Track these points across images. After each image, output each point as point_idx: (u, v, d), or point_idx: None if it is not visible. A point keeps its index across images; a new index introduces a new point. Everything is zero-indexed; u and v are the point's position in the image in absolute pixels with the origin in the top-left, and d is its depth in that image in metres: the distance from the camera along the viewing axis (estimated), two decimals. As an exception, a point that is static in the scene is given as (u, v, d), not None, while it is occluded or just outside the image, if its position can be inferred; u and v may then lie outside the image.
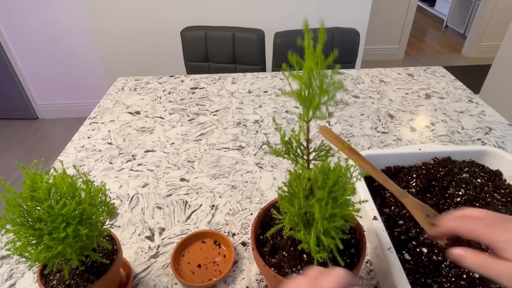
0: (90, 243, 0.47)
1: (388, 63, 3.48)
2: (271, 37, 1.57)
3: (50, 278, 0.49)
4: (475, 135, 0.93)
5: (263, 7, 2.14)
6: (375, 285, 0.57)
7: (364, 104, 1.08)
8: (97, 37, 2.25)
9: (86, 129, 0.99)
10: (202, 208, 0.72)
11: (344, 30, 1.48)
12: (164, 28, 2.20)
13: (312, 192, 0.41)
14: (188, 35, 1.52)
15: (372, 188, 0.65)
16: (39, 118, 2.67)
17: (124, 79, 1.27)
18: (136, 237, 0.67)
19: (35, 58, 2.36)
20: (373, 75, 1.26)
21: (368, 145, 0.90)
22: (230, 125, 0.99)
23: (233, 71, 1.58)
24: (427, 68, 1.30)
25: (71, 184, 0.45)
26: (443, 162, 0.67)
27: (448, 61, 3.50)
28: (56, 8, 2.17)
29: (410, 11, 3.28)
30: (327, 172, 0.40)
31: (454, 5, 4.10)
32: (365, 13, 2.20)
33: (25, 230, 0.42)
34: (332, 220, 0.38)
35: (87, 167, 0.85)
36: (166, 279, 0.59)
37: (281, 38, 1.46)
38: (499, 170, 0.66)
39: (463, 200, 0.59)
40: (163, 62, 2.34)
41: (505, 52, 2.27)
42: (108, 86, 2.38)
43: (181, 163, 0.85)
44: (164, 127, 0.99)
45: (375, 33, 3.33)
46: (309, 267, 0.36)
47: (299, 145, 0.40)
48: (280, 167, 0.83)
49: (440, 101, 1.09)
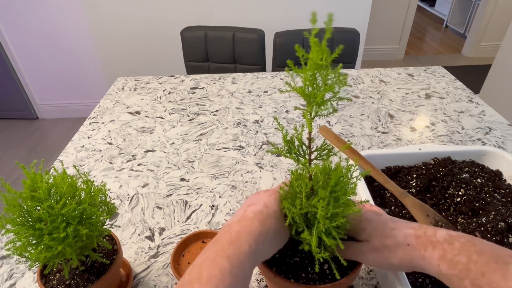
0: (90, 243, 0.47)
1: (388, 63, 3.48)
2: (271, 37, 1.58)
3: (50, 278, 0.49)
4: (475, 135, 0.93)
5: (263, 7, 2.14)
6: (375, 285, 0.57)
7: (364, 104, 1.08)
8: (97, 37, 2.24)
9: (86, 129, 0.99)
10: (202, 208, 0.72)
11: (344, 30, 1.48)
12: (164, 28, 2.20)
13: (313, 192, 0.41)
14: (188, 35, 1.52)
15: (372, 188, 0.65)
16: (39, 118, 2.67)
17: (124, 79, 1.27)
18: (136, 237, 0.67)
19: (35, 58, 2.36)
20: (373, 75, 1.26)
21: (368, 145, 0.90)
22: (230, 125, 0.99)
23: (233, 71, 1.58)
24: (427, 68, 1.30)
25: (71, 184, 0.45)
26: (443, 162, 0.67)
27: (448, 61, 3.50)
28: (56, 8, 2.16)
29: (410, 11, 3.28)
30: (328, 172, 0.40)
31: (454, 5, 4.10)
32: (365, 13, 2.20)
33: (25, 230, 0.42)
34: (333, 220, 0.38)
35: (87, 167, 0.85)
36: (166, 279, 0.59)
37: (281, 38, 1.46)
38: (499, 170, 0.66)
39: (463, 200, 0.59)
40: (163, 62, 2.34)
41: (505, 52, 2.27)
42: (108, 86, 2.38)
43: (181, 163, 0.85)
44: (164, 127, 0.99)
45: (375, 33, 3.33)
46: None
47: (301, 144, 0.40)
48: (280, 167, 0.83)
49: (440, 101, 1.09)
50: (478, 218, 0.56)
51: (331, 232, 0.38)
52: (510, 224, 0.53)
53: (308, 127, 0.35)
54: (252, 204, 0.41)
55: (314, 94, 0.32)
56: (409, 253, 0.38)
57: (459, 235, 0.36)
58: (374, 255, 0.40)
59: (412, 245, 0.38)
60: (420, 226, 0.39)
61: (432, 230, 0.38)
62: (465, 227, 0.55)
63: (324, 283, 0.42)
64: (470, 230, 0.54)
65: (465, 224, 0.56)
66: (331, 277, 0.43)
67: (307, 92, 0.33)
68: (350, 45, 1.48)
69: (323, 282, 0.42)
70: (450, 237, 0.36)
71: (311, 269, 0.44)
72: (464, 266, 0.33)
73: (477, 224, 0.54)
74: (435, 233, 0.37)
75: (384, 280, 0.53)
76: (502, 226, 0.53)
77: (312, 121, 0.35)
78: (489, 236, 0.52)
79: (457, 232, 0.37)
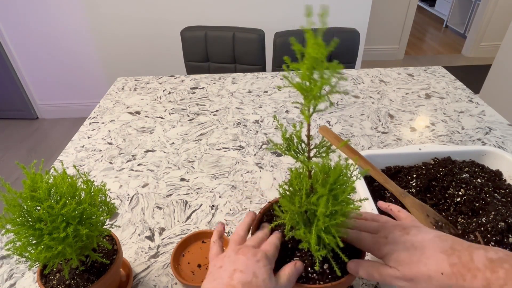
0: (90, 243, 0.47)
1: (388, 63, 3.48)
2: (271, 37, 1.57)
3: (50, 278, 0.49)
4: (475, 135, 0.93)
5: (263, 7, 2.14)
6: (375, 285, 0.57)
7: (364, 104, 1.08)
8: (97, 37, 2.25)
9: (86, 129, 0.99)
10: (202, 208, 0.72)
11: (344, 30, 1.48)
12: (164, 28, 2.20)
13: (312, 190, 0.41)
14: (188, 35, 1.52)
15: (372, 188, 0.65)
16: (39, 118, 2.67)
17: (124, 79, 1.27)
18: (136, 237, 0.67)
19: (35, 58, 2.36)
20: (373, 75, 1.26)
21: (368, 145, 0.90)
22: (230, 125, 0.99)
23: (233, 71, 1.58)
24: (427, 68, 1.30)
25: (71, 184, 0.45)
26: (443, 162, 0.67)
27: (448, 61, 3.50)
28: (56, 8, 2.16)
29: (410, 11, 3.28)
30: (327, 170, 0.40)
31: (454, 5, 4.10)
32: (365, 13, 2.20)
33: (25, 230, 0.42)
34: (333, 218, 0.38)
35: (87, 167, 0.85)
36: (166, 279, 0.59)
37: (281, 38, 1.46)
38: (499, 170, 0.66)
39: (463, 200, 0.59)
40: (163, 62, 2.34)
41: (505, 52, 2.27)
42: (108, 86, 2.38)
43: (181, 163, 0.85)
44: (164, 127, 0.99)
45: (375, 33, 3.33)
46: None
47: (300, 142, 0.40)
48: (280, 167, 0.83)
49: (440, 101, 1.09)
50: (478, 218, 0.56)
51: (331, 230, 0.38)
52: (510, 224, 0.53)
53: (305, 119, 0.35)
54: (240, 271, 0.38)
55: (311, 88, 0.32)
56: (444, 282, 0.34)
57: (501, 259, 0.33)
58: (406, 284, 0.37)
59: (447, 274, 0.34)
60: (452, 248, 0.36)
61: (467, 253, 0.35)
62: (465, 227, 0.55)
63: (324, 282, 0.42)
64: (470, 230, 0.54)
65: (465, 224, 0.56)
66: (331, 277, 0.43)
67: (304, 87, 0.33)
68: (350, 45, 1.48)
69: (323, 281, 0.42)
70: (491, 264, 0.33)
71: (311, 269, 0.44)
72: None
73: (477, 224, 0.54)
74: (471, 257, 0.34)
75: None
76: (502, 226, 0.53)
77: (310, 115, 0.35)
78: (489, 236, 0.52)
79: (496, 253, 0.34)
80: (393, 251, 0.38)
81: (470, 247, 0.36)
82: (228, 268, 0.39)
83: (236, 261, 0.39)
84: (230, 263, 0.39)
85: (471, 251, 0.35)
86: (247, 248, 0.41)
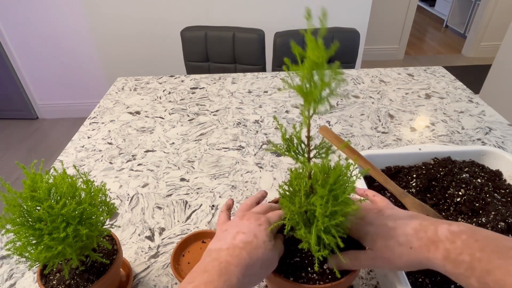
0: (90, 243, 0.47)
1: (388, 63, 3.48)
2: (271, 37, 1.57)
3: (50, 278, 0.49)
4: (475, 135, 0.93)
5: (263, 7, 2.14)
6: (375, 285, 0.57)
7: (364, 104, 1.08)
8: (97, 37, 2.24)
9: (86, 129, 0.99)
10: (202, 208, 0.72)
11: (344, 30, 1.48)
12: (164, 28, 2.20)
13: (312, 190, 0.41)
14: (188, 35, 1.52)
15: (372, 188, 0.65)
16: (39, 118, 2.67)
17: (124, 79, 1.27)
18: (136, 237, 0.67)
19: (35, 58, 2.36)
20: (373, 75, 1.26)
21: (368, 145, 0.90)
22: (230, 125, 0.99)
23: (233, 71, 1.58)
24: (427, 68, 1.30)
25: (71, 184, 0.45)
26: (443, 162, 0.67)
27: (448, 61, 3.50)
28: (56, 8, 2.16)
29: (410, 11, 3.28)
30: (327, 171, 0.40)
31: (454, 5, 4.10)
32: (365, 13, 2.20)
33: (25, 230, 0.42)
34: (332, 218, 0.38)
35: (87, 167, 0.85)
36: (166, 279, 0.59)
37: (281, 38, 1.46)
38: (499, 170, 0.66)
39: (463, 200, 0.59)
40: (163, 62, 2.34)
41: (505, 52, 2.27)
42: (108, 86, 2.38)
43: (181, 163, 0.85)
44: (164, 127, 0.99)
45: (375, 33, 3.33)
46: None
47: (300, 143, 0.40)
48: (280, 167, 0.83)
49: (440, 101, 1.09)
50: (478, 218, 0.56)
51: (331, 230, 0.38)
52: (510, 224, 0.53)
53: (305, 123, 0.35)
54: (242, 233, 0.41)
55: (311, 91, 0.32)
56: (413, 256, 0.37)
57: (461, 231, 0.36)
58: (380, 262, 0.40)
59: (415, 248, 0.37)
60: (421, 223, 0.39)
61: (433, 227, 0.37)
62: (465, 227, 0.55)
63: (324, 282, 0.42)
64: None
65: (465, 224, 0.56)
66: (331, 277, 0.43)
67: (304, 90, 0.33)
68: (350, 45, 1.48)
69: (323, 281, 0.42)
70: (451, 235, 0.36)
71: (311, 269, 0.44)
72: (469, 265, 0.33)
73: (477, 224, 0.54)
74: (436, 231, 0.37)
75: (384, 280, 0.53)
76: (502, 226, 0.53)
77: (310, 118, 0.35)
78: (489, 236, 0.52)
79: (458, 226, 0.36)
80: (369, 232, 0.41)
81: (436, 222, 0.38)
82: (232, 230, 0.42)
83: (240, 225, 0.43)
84: (234, 227, 0.43)
85: (436, 225, 0.38)
86: (252, 214, 0.45)
